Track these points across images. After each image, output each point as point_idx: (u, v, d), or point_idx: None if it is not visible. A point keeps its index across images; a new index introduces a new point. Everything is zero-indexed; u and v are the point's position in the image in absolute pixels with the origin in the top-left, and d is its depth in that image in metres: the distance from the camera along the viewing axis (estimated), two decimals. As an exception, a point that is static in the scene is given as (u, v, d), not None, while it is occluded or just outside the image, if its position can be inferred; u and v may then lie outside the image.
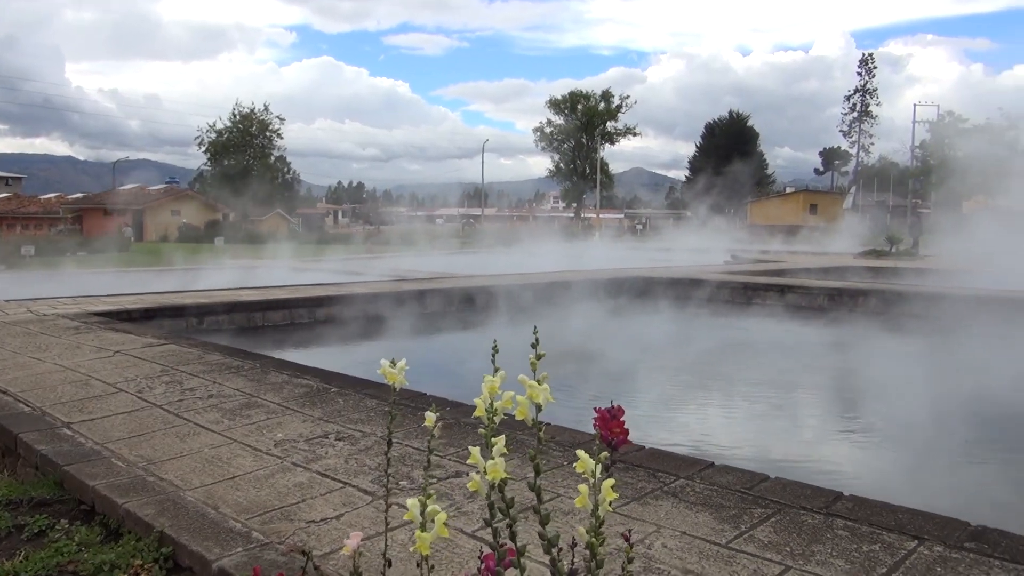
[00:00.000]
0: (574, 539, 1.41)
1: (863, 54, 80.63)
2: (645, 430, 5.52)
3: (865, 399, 7.26)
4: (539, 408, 1.20)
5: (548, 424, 4.12)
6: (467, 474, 3.33)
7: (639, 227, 64.93)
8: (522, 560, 1.27)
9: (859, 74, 73.86)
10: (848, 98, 73.98)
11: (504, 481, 1.22)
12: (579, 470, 1.22)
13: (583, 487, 1.23)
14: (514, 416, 1.27)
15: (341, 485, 3.21)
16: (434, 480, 3.15)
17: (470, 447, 1.20)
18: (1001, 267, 15.37)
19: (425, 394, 4.54)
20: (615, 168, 77.77)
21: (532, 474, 1.36)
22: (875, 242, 27.46)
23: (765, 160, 76.99)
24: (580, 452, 1.22)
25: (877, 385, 7.83)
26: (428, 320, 10.85)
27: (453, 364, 8.55)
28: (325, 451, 3.66)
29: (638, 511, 2.89)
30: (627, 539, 1.52)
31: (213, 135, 57.31)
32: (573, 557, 1.48)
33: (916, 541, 2.61)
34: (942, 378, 7.95)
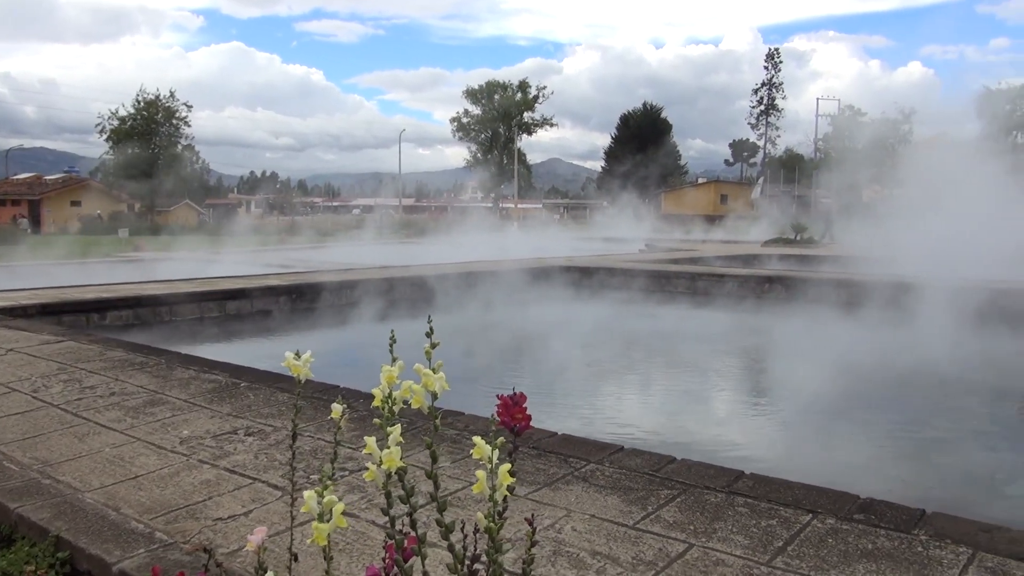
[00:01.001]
0: (476, 525, 1.42)
1: (769, 49, 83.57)
2: (560, 417, 5.60)
3: (770, 380, 7.55)
4: (435, 396, 1.21)
5: (464, 414, 4.14)
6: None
7: (557, 217, 65.57)
8: (425, 548, 1.28)
9: (766, 68, 76.42)
10: (755, 91, 76.46)
11: (404, 470, 1.22)
12: (476, 456, 1.23)
13: (480, 473, 1.25)
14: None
15: (250, 481, 3.15)
16: (345, 473, 3.12)
17: (366, 437, 1.20)
18: (903, 253, 16.23)
19: (339, 386, 4.49)
20: (533, 158, 78.29)
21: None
22: (781, 231, 28.51)
23: (678, 151, 78.83)
24: (477, 439, 1.23)
25: (781, 367, 8.17)
26: (348, 311, 10.70)
27: (377, 355, 8.47)
28: (234, 447, 3.58)
29: (549, 496, 2.94)
30: (530, 523, 1.54)
31: (116, 122, 54.75)
32: (476, 543, 1.50)
33: (811, 515, 2.75)
34: (840, 358, 8.34)
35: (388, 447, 1.17)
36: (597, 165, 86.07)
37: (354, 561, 2.43)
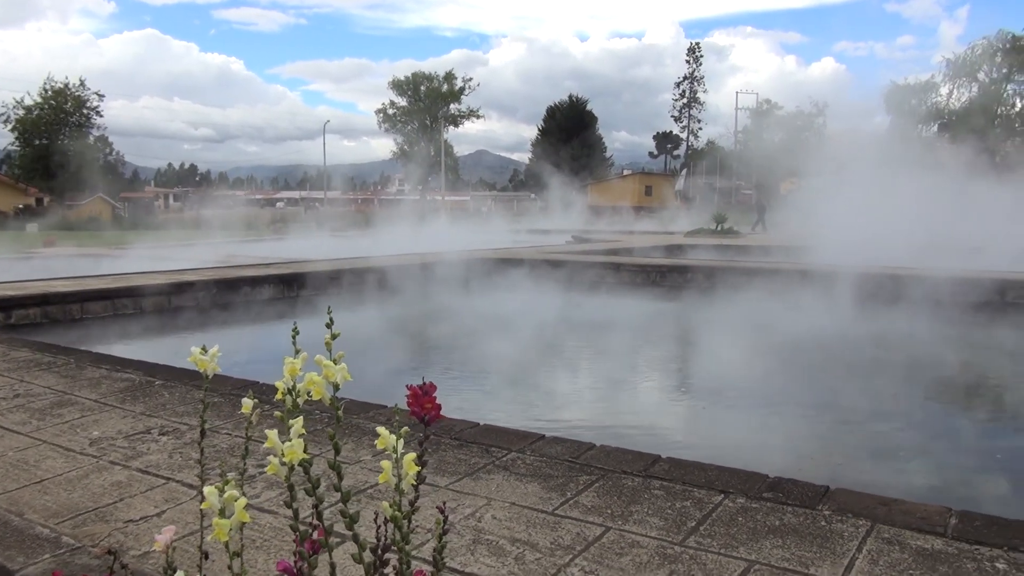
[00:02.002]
0: (387, 517, 1.42)
1: (691, 43, 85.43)
2: (486, 408, 5.63)
3: (688, 366, 7.75)
4: (336, 387, 1.21)
5: (388, 407, 4.12)
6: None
7: (485, 209, 65.55)
8: (332, 540, 1.28)
9: (687, 62, 78.05)
10: (678, 85, 78.04)
11: (309, 462, 1.22)
12: (380, 446, 1.24)
13: (386, 463, 1.25)
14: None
15: (164, 481, 3.07)
16: (264, 469, 3.07)
17: (267, 431, 1.19)
18: (824, 243, 16.91)
19: (259, 382, 4.41)
20: (460, 150, 78.10)
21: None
22: (703, 222, 29.20)
23: (603, 143, 79.82)
24: (381, 429, 1.24)
25: (698, 353, 8.39)
26: (272, 306, 10.49)
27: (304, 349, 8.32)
28: (147, 447, 3.48)
29: (471, 486, 2.96)
30: (442, 511, 1.56)
31: (21, 112, 52.17)
32: (387, 533, 1.50)
33: (723, 495, 2.84)
34: (752, 343, 8.62)
35: (291, 440, 1.17)
36: (524, 157, 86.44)
37: (271, 557, 2.40)
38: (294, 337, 1.24)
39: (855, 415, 5.54)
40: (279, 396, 1.22)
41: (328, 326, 1.22)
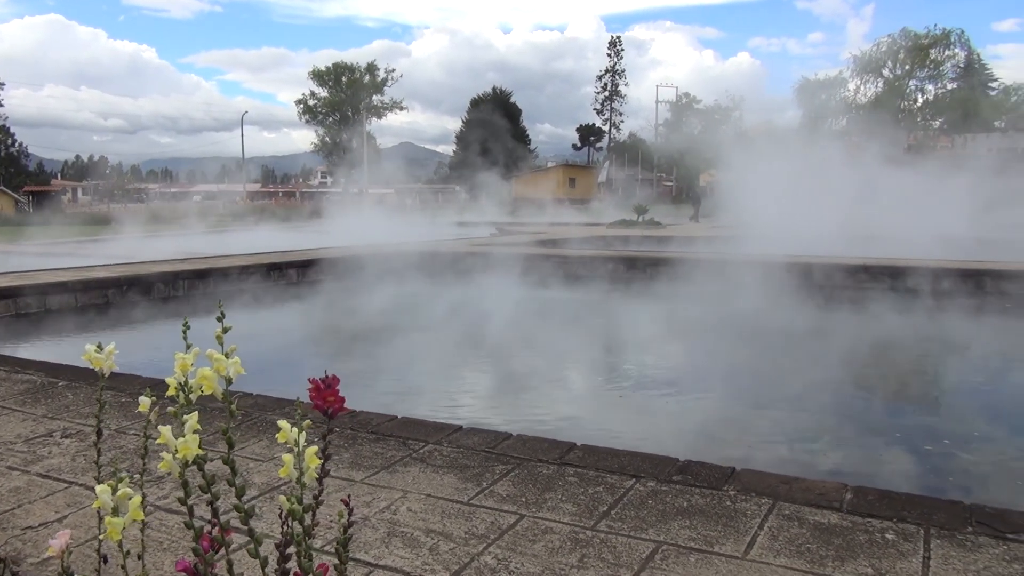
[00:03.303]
0: (289, 511, 1.41)
1: (612, 37, 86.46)
2: (408, 401, 5.61)
3: (610, 354, 7.88)
4: (229, 381, 1.19)
5: (296, 401, 4.06)
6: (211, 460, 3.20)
7: (409, 202, 64.99)
8: (228, 537, 1.26)
9: (609, 56, 78.95)
10: (600, 78, 78.87)
11: (203, 458, 1.20)
12: (281, 440, 1.23)
13: (287, 457, 1.25)
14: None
15: (66, 485, 2.96)
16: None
17: (160, 427, 1.17)
18: (749, 232, 17.50)
19: (163, 380, 4.28)
20: (384, 143, 77.22)
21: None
22: (626, 213, 29.65)
23: (528, 136, 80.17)
24: (282, 423, 1.23)
25: (621, 341, 8.55)
26: (184, 303, 10.18)
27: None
28: (48, 451, 3.35)
29: (387, 479, 2.95)
30: (346, 504, 1.55)
31: (-90, 100, 49.06)
32: (291, 527, 1.49)
33: (634, 479, 2.92)
34: (671, 332, 8.84)
35: (184, 435, 1.15)
36: (449, 149, 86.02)
37: (177, 557, 2.34)
38: (184, 332, 1.22)
39: (765, 398, 5.75)
40: (171, 392, 1.20)
41: (219, 320, 1.20)
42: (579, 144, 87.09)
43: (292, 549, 1.41)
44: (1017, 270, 10.17)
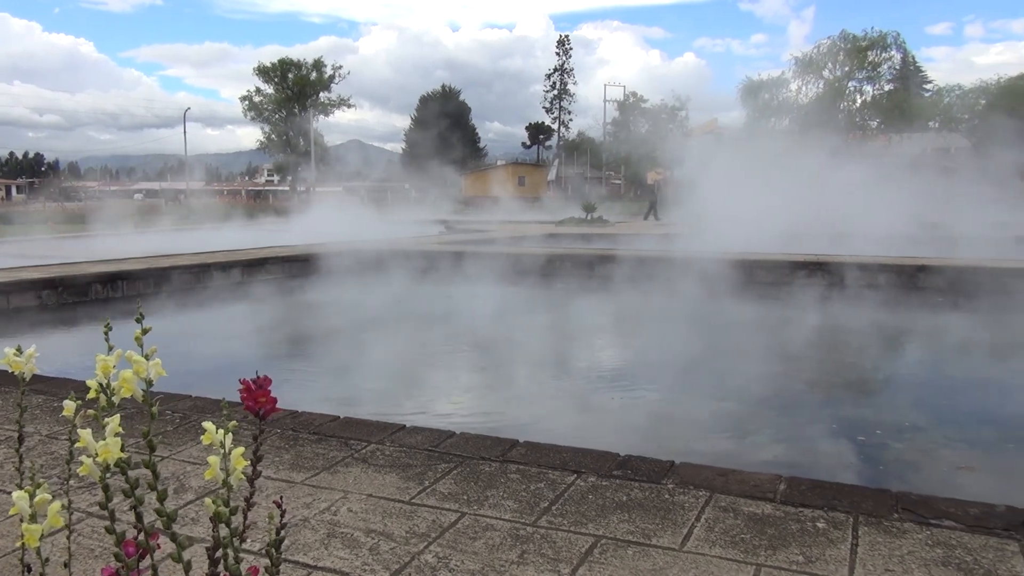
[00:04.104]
0: (215, 514, 1.40)
1: (560, 36, 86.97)
2: (352, 402, 5.57)
3: (553, 353, 7.94)
4: (149, 383, 1.18)
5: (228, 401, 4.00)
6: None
7: (358, 200, 64.27)
8: (154, 541, 1.24)
9: (557, 54, 79.29)
10: (548, 76, 79.17)
11: (126, 462, 1.18)
12: (206, 442, 1.21)
13: (213, 459, 1.23)
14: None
15: (-8, 493, 2.87)
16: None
17: (80, 431, 1.15)
18: (698, 230, 17.80)
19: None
20: (332, 140, 76.17)
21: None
22: (575, 211, 29.84)
23: (477, 134, 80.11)
24: (207, 424, 1.22)
25: (569, 339, 8.61)
26: (122, 304, 9.92)
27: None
28: (-25, 458, 3.24)
29: (328, 480, 2.93)
30: (279, 505, 1.54)
31: None
32: (218, 530, 1.47)
33: (575, 475, 2.95)
34: (618, 329, 8.95)
35: (105, 439, 1.13)
36: (398, 147, 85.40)
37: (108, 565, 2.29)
38: (106, 334, 1.20)
39: (707, 391, 5.86)
40: (91, 395, 1.17)
41: (138, 320, 1.18)
42: (528, 142, 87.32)
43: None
44: (949, 265, 10.54)
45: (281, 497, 1.58)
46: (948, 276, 10.25)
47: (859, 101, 53.12)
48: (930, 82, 54.14)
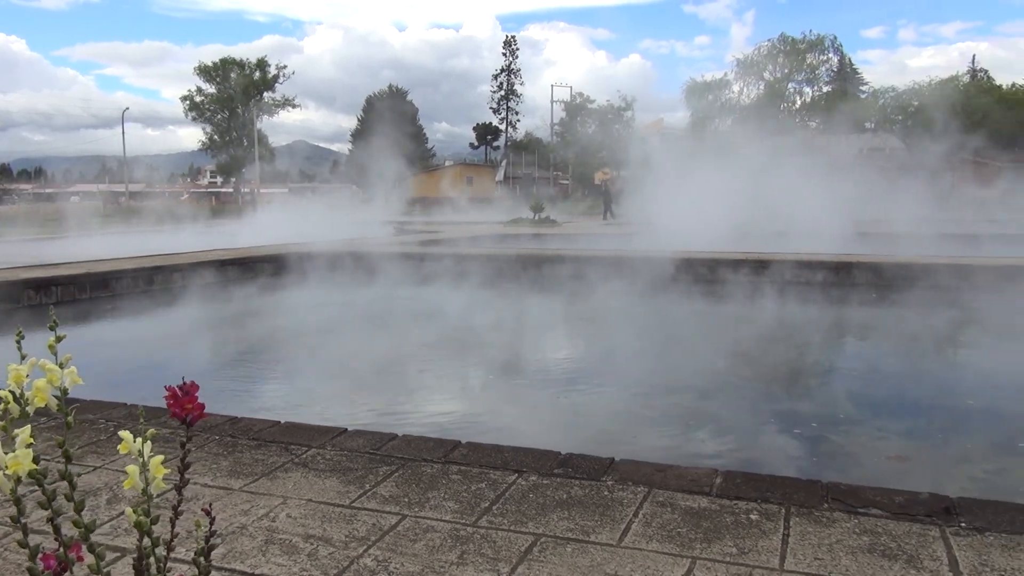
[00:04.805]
0: (136, 523, 1.37)
1: (507, 36, 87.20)
2: (296, 407, 5.50)
3: (497, 353, 7.96)
4: (64, 392, 1.15)
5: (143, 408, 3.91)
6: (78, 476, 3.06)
7: (305, 202, 63.31)
8: (73, 554, 1.22)
9: (504, 55, 79.47)
10: (495, 77, 79.30)
11: (41, 473, 1.15)
12: (123, 451, 1.19)
13: (131, 468, 1.21)
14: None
15: (-87, 509, 2.75)
16: (34, 489, 2.84)
17: (-10, 443, 1.12)
18: (647, 229, 18.04)
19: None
20: (276, 141, 74.96)
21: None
22: (523, 211, 29.95)
23: (424, 134, 79.72)
24: (124, 433, 1.19)
25: (518, 339, 8.64)
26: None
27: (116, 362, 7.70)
28: None
29: (267, 486, 2.90)
30: (208, 512, 1.52)
31: None
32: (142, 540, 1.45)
33: (517, 474, 2.97)
34: (563, 328, 9.02)
35: (15, 450, 1.10)
36: (345, 148, 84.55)
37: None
38: (18, 342, 1.17)
39: (649, 388, 5.94)
40: (3, 406, 1.14)
41: (52, 328, 1.15)
42: (476, 143, 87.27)
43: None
44: (883, 262, 10.87)
45: (210, 504, 1.56)
46: (882, 272, 10.57)
47: (799, 102, 54.44)
48: (866, 84, 55.88)
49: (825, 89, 54.51)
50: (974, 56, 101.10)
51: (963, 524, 2.48)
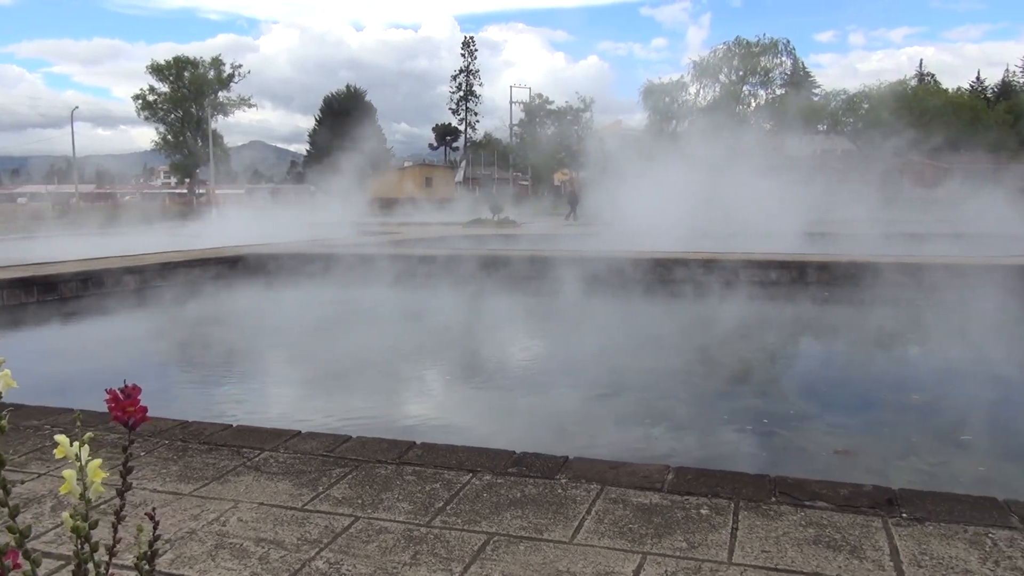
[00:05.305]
0: (73, 528, 1.35)
1: (465, 37, 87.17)
2: (251, 410, 5.44)
3: (458, 351, 7.96)
4: (-3, 396, 1.13)
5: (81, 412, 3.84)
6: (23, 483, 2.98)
7: (261, 203, 62.44)
8: (8, 560, 1.19)
9: (463, 56, 79.29)
10: (454, 78, 79.09)
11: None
12: (59, 456, 1.17)
13: (68, 472, 1.19)
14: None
15: None
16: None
17: (-83, 448, 1.09)
18: (618, 230, 18.19)
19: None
20: (233, 141, 73.92)
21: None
22: (482, 212, 29.93)
23: (383, 135, 79.17)
24: (59, 437, 1.17)
25: (477, 339, 8.64)
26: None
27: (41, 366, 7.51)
28: None
29: (217, 490, 2.86)
30: (151, 517, 1.50)
31: None
32: (80, 547, 1.42)
33: (471, 474, 2.97)
34: (520, 328, 9.05)
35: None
36: (302, 148, 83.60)
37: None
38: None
39: (605, 388, 5.99)
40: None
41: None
42: (436, 144, 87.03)
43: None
44: (833, 261, 11.11)
45: (154, 509, 1.54)
46: (833, 271, 10.80)
47: (753, 104, 55.31)
48: (819, 87, 56.94)
49: (779, 92, 55.46)
50: (921, 61, 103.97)
51: (904, 515, 2.55)
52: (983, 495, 2.74)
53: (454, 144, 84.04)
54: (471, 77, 78.58)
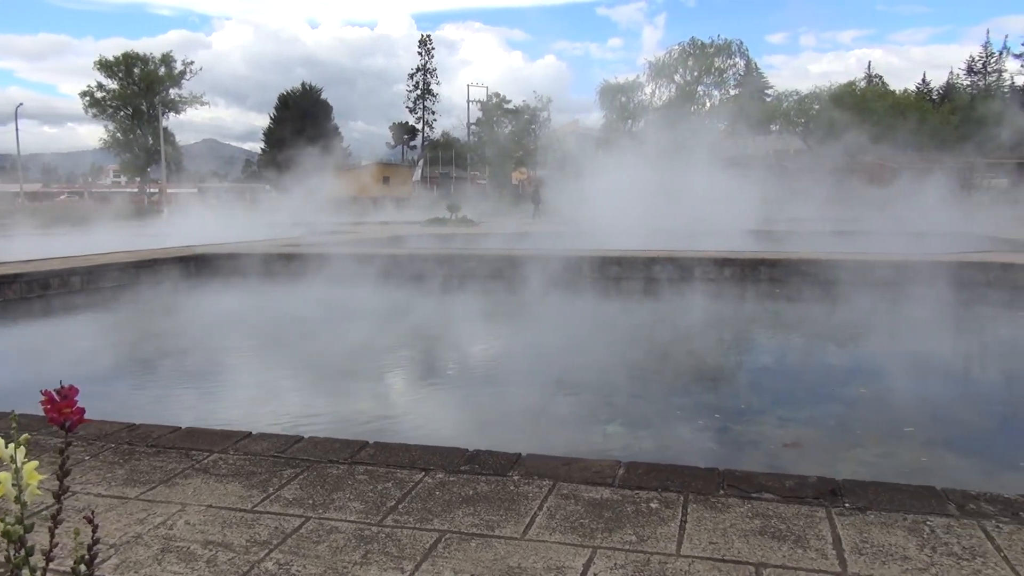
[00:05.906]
0: (3, 533, 1.32)
1: (422, 35, 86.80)
2: (203, 412, 5.35)
3: (416, 350, 7.94)
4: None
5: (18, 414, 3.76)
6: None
7: (215, 202, 61.42)
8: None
9: (420, 54, 78.93)
10: (412, 76, 78.71)
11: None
12: (-7, 459, 1.15)
13: (3, 475, 1.17)
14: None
15: None
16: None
17: None
18: (570, 229, 18.26)
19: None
20: (185, 139, 72.64)
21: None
22: (440, 211, 29.84)
23: (340, 133, 78.40)
24: (-8, 440, 1.15)
25: (432, 340, 8.62)
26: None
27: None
28: None
29: (165, 493, 2.81)
30: (90, 521, 1.48)
31: None
32: (11, 551, 1.39)
33: (423, 472, 2.97)
34: (477, 327, 9.06)
35: None
36: (257, 147, 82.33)
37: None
38: None
39: (561, 384, 6.03)
40: None
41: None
42: (393, 142, 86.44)
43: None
44: (785, 259, 11.32)
45: (93, 512, 1.51)
46: (785, 268, 11.01)
47: (708, 105, 56.04)
48: (771, 88, 57.93)
49: (732, 92, 56.28)
50: (869, 63, 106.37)
51: (847, 504, 2.62)
52: (923, 484, 2.82)
53: (412, 143, 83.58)
54: (428, 76, 78.29)
